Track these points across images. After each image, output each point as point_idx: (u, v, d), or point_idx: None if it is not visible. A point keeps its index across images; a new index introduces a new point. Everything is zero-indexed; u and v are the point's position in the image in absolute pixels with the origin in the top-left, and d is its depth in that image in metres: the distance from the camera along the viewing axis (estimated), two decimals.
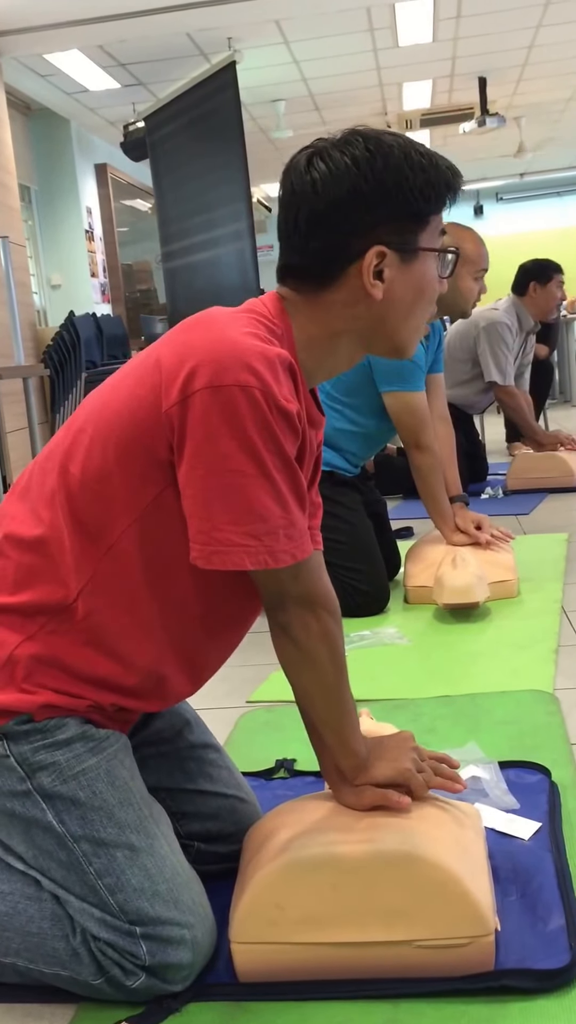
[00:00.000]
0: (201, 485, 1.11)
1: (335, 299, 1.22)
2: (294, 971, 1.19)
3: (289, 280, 1.24)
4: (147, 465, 1.15)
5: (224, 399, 1.08)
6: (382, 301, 1.21)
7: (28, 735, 1.18)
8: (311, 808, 1.29)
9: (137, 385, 1.17)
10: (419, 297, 1.24)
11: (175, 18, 6.26)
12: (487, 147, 10.77)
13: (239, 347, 1.10)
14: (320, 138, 1.22)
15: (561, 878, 1.36)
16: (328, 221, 1.18)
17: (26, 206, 8.24)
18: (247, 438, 1.09)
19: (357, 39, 7.11)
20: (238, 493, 1.10)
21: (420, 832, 1.20)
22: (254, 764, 1.81)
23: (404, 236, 1.20)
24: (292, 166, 1.21)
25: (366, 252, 1.18)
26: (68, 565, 1.18)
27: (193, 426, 1.10)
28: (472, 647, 2.48)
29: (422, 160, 1.20)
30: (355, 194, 1.16)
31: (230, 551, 1.11)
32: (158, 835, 1.21)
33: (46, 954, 1.19)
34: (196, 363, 1.10)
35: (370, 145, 1.18)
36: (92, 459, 1.18)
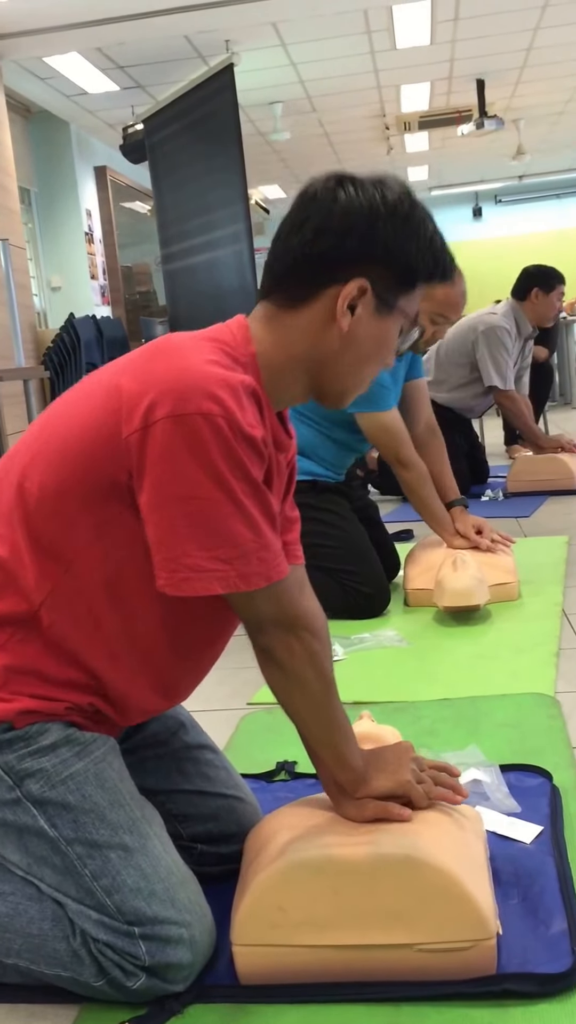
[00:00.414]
0: (167, 513, 1.10)
1: (303, 320, 1.21)
2: (295, 974, 1.19)
3: (271, 292, 1.24)
4: (105, 487, 1.14)
5: (187, 428, 1.08)
6: (344, 336, 1.21)
7: (11, 744, 1.18)
8: (312, 810, 1.29)
9: (97, 408, 1.16)
10: (375, 351, 1.25)
11: (173, 21, 6.26)
12: (486, 149, 10.77)
13: (201, 375, 1.10)
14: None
15: (563, 882, 1.35)
16: (333, 237, 1.18)
17: (26, 208, 8.24)
18: (212, 466, 1.09)
19: (355, 41, 7.11)
20: (206, 519, 1.10)
21: (421, 835, 1.20)
22: (255, 766, 1.81)
23: (388, 288, 1.21)
24: (322, 177, 1.22)
25: (350, 280, 1.19)
26: (28, 580, 1.18)
27: (155, 455, 1.09)
28: (473, 650, 2.48)
29: (436, 233, 1.24)
30: (369, 227, 1.18)
31: (200, 576, 1.11)
32: (151, 835, 1.21)
33: (47, 955, 1.19)
34: (158, 393, 1.10)
35: (403, 194, 1.20)
36: (50, 477, 1.17)
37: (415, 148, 10.61)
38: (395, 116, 9.27)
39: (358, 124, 9.47)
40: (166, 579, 1.12)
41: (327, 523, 2.82)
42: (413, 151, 10.73)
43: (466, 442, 4.92)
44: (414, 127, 9.57)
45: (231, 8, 6.14)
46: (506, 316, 4.69)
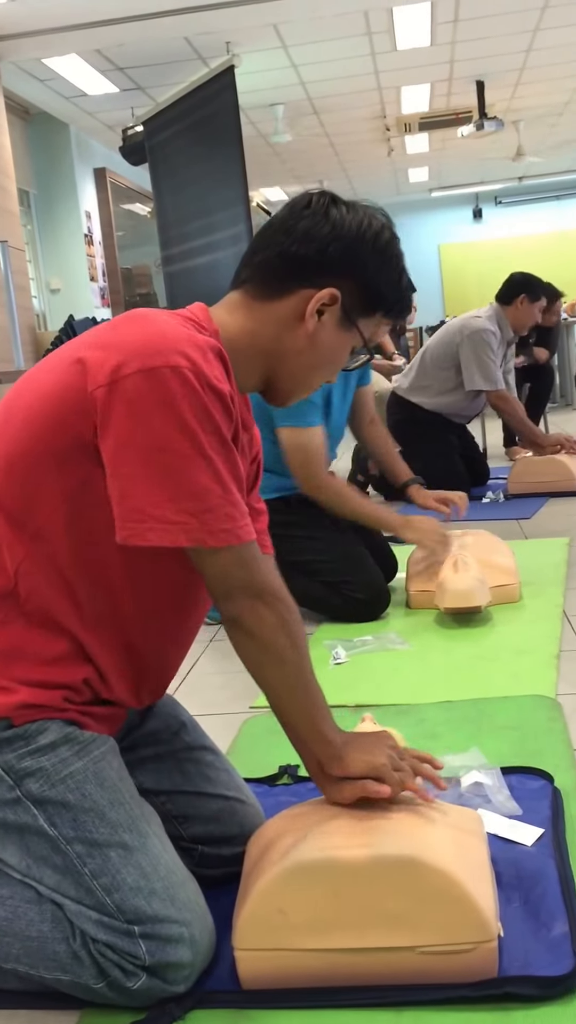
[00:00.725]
0: (134, 466, 1.11)
1: (273, 312, 1.28)
2: (297, 978, 1.18)
3: (248, 279, 1.30)
4: (72, 448, 1.15)
5: (156, 381, 1.10)
6: (308, 336, 1.29)
7: (10, 743, 1.19)
8: (314, 813, 1.29)
9: (60, 378, 1.17)
10: (329, 359, 1.33)
11: (174, 22, 6.26)
12: (485, 150, 10.77)
13: (169, 335, 1.14)
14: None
15: (564, 884, 1.35)
16: (319, 243, 1.26)
17: (25, 210, 8.24)
18: (182, 418, 1.10)
19: (355, 43, 7.11)
20: (174, 471, 1.11)
21: (422, 837, 1.20)
22: (257, 770, 1.81)
23: (354, 306, 1.30)
24: (317, 193, 1.31)
25: (324, 286, 1.27)
26: (2, 552, 1.19)
27: (123, 408, 1.10)
28: (474, 652, 2.48)
29: (404, 273, 1.36)
30: (352, 245, 1.27)
31: (165, 528, 1.11)
32: (150, 834, 1.21)
33: (47, 958, 1.18)
34: (126, 353, 1.12)
35: (387, 227, 1.32)
36: (15, 446, 1.18)
37: (415, 149, 10.61)
38: (395, 117, 9.27)
39: (359, 126, 9.48)
40: (130, 530, 1.12)
41: (312, 537, 2.80)
42: (413, 152, 10.73)
43: (460, 442, 4.93)
44: (414, 128, 9.57)
45: (232, 10, 6.14)
46: (490, 319, 4.71)
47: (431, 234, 14.03)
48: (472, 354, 4.60)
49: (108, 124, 8.53)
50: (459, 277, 13.87)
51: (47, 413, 1.16)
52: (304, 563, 2.74)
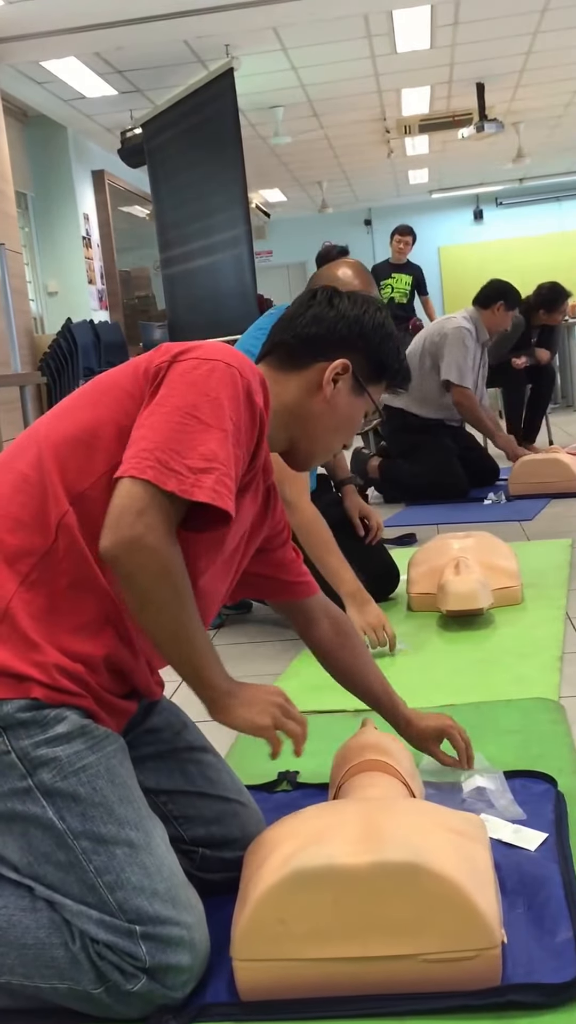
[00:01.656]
0: (159, 418, 1.21)
1: (293, 383, 1.48)
2: (298, 988, 1.17)
3: (270, 355, 1.51)
4: (133, 416, 1.25)
5: (208, 367, 1.25)
6: (326, 402, 1.47)
7: (27, 727, 1.18)
8: (313, 820, 1.28)
9: (129, 367, 1.33)
10: (345, 423, 1.52)
11: (173, 25, 6.26)
12: (486, 152, 10.78)
13: (235, 352, 1.31)
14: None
15: (568, 889, 1.34)
16: (327, 325, 1.48)
17: (23, 213, 8.24)
18: (218, 399, 1.23)
19: (355, 46, 7.11)
20: (192, 434, 1.20)
21: (424, 843, 1.18)
22: (257, 776, 1.79)
23: (363, 374, 1.50)
24: (324, 289, 1.53)
25: (336, 359, 1.47)
26: (48, 505, 1.24)
27: (173, 377, 1.25)
28: (476, 655, 2.46)
29: (400, 350, 1.55)
30: (356, 323, 1.49)
31: (162, 471, 1.15)
32: (155, 834, 1.22)
33: (44, 965, 1.17)
34: (192, 347, 1.30)
35: (384, 310, 1.54)
36: (90, 416, 1.29)
37: (416, 151, 10.62)
38: (396, 120, 9.28)
39: (359, 128, 9.49)
40: (132, 465, 1.17)
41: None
42: (414, 154, 10.75)
43: (456, 444, 4.96)
44: (415, 130, 9.58)
45: (231, 13, 6.14)
46: (466, 319, 4.86)
47: (431, 236, 14.03)
48: (450, 349, 4.76)
49: (106, 127, 8.54)
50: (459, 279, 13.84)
51: (118, 387, 1.30)
52: None
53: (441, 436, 4.87)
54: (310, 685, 2.27)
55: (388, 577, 2.99)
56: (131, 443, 1.21)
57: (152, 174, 7.92)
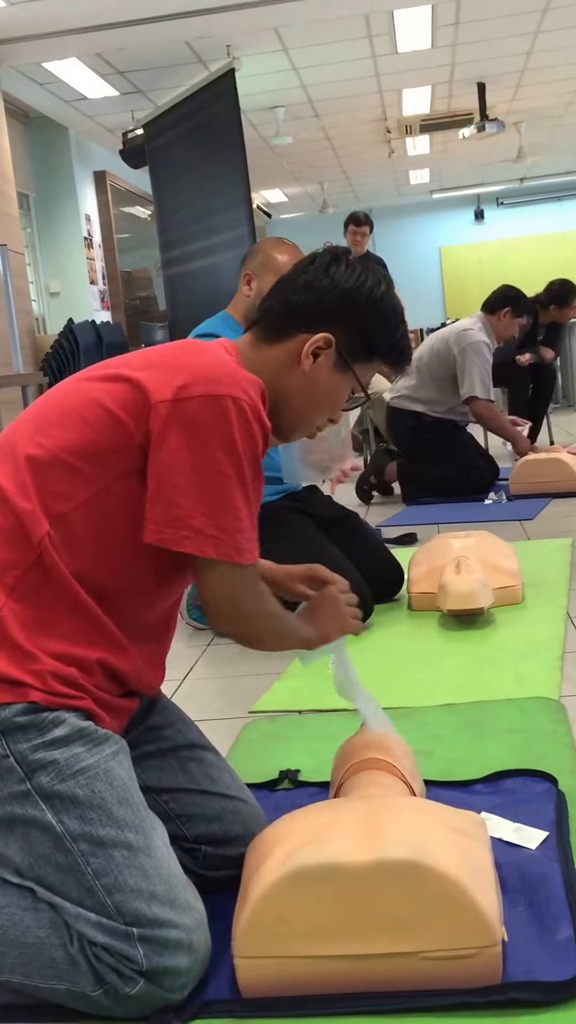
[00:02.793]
0: (183, 478, 1.22)
1: (276, 354, 1.40)
2: (299, 985, 1.17)
3: (260, 321, 1.44)
4: (120, 447, 1.25)
5: (218, 408, 1.22)
6: (305, 376, 1.40)
7: (25, 731, 1.19)
8: (314, 819, 1.28)
9: (109, 386, 1.28)
10: (326, 400, 1.44)
11: (174, 26, 6.26)
12: (487, 152, 10.77)
13: (228, 368, 1.28)
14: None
15: (569, 888, 1.34)
16: (316, 294, 1.40)
17: (25, 214, 8.24)
18: (233, 444, 1.23)
19: (356, 46, 7.11)
20: (218, 491, 1.23)
21: (425, 841, 1.18)
22: (257, 775, 1.79)
23: (349, 351, 1.41)
24: (327, 252, 1.45)
25: (320, 331, 1.39)
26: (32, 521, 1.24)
27: (184, 426, 1.22)
28: (476, 654, 2.46)
29: (400, 327, 1.46)
30: (347, 296, 1.40)
31: (198, 538, 1.23)
32: (155, 836, 1.22)
33: (43, 966, 1.17)
34: (192, 375, 1.24)
35: (384, 283, 1.43)
36: (68, 438, 1.26)
37: (417, 151, 10.62)
38: (397, 120, 9.27)
39: (360, 128, 9.48)
40: (168, 535, 1.23)
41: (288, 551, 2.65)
42: (415, 154, 10.74)
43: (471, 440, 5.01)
44: (416, 130, 9.58)
45: (232, 13, 6.13)
46: (481, 331, 4.83)
47: (432, 236, 14.04)
48: (472, 364, 4.70)
49: (108, 127, 8.54)
50: (460, 279, 13.87)
51: (101, 409, 1.26)
52: None
53: (456, 435, 4.90)
54: (310, 684, 2.27)
55: (392, 577, 2.99)
56: (167, 503, 1.22)
57: (153, 175, 7.92)
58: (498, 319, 4.85)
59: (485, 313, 4.89)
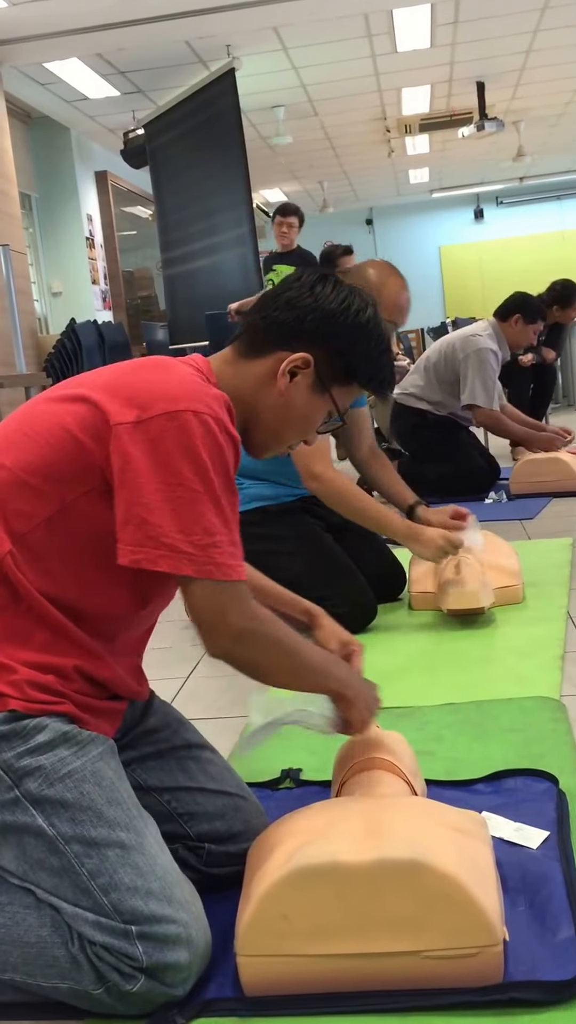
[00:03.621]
0: (152, 497, 1.19)
1: (253, 370, 1.39)
2: (301, 984, 1.17)
3: (242, 335, 1.42)
4: (81, 469, 1.23)
5: (180, 423, 1.20)
6: (279, 395, 1.38)
7: (8, 740, 1.19)
8: (316, 818, 1.28)
9: (72, 407, 1.26)
10: (299, 421, 1.42)
11: (174, 26, 6.27)
12: (486, 151, 10.78)
13: (190, 383, 1.26)
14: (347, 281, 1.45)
15: (570, 887, 1.34)
16: (297, 313, 1.38)
17: (27, 214, 8.25)
18: (199, 459, 1.20)
19: (355, 45, 7.12)
20: (188, 507, 1.20)
21: (427, 841, 1.19)
22: (259, 774, 1.80)
23: (328, 374, 1.40)
24: (311, 271, 1.44)
25: (299, 351, 1.37)
26: None
27: (146, 445, 1.20)
28: (477, 654, 2.47)
29: (384, 353, 1.45)
30: (330, 318, 1.39)
31: (174, 556, 1.20)
32: (147, 833, 1.22)
33: (45, 964, 1.18)
34: (150, 395, 1.23)
35: (369, 308, 1.42)
36: (31, 458, 1.25)
37: (416, 151, 10.62)
38: (396, 119, 9.28)
39: (359, 127, 9.49)
40: (143, 554, 1.19)
41: (291, 552, 2.66)
42: (414, 153, 10.74)
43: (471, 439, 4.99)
44: (415, 130, 9.58)
45: (232, 13, 6.15)
46: (491, 338, 4.79)
47: (431, 235, 14.05)
48: (475, 372, 4.67)
49: (109, 127, 8.55)
50: (460, 278, 13.87)
51: (64, 431, 1.24)
52: (282, 578, 2.53)
53: (458, 433, 4.90)
54: None
55: (394, 578, 2.99)
56: (137, 522, 1.19)
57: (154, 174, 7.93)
58: (510, 326, 4.83)
59: (498, 320, 4.87)
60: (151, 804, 1.36)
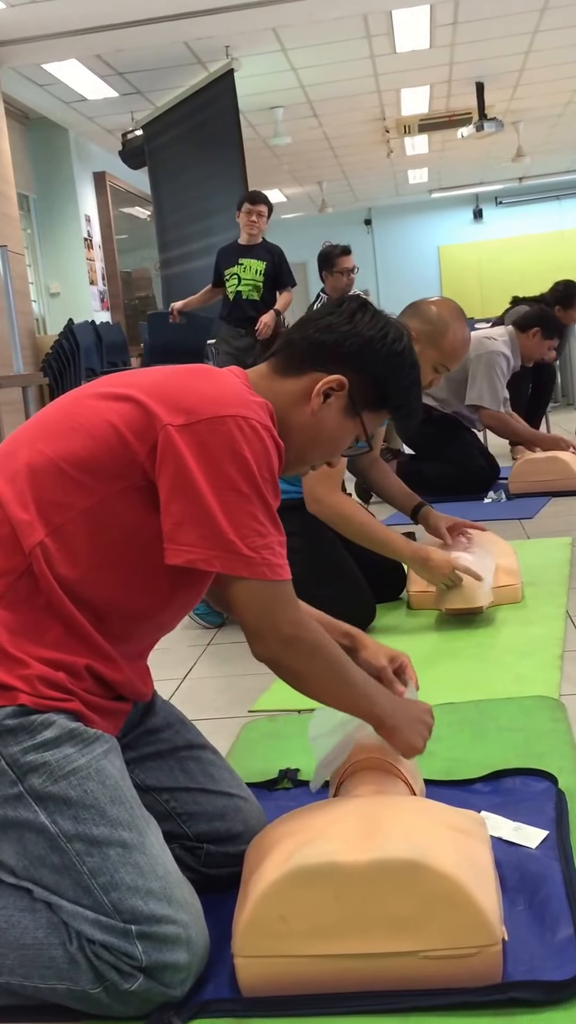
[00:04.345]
0: (202, 499, 1.21)
1: (288, 387, 1.42)
2: (299, 985, 1.17)
3: (279, 352, 1.46)
4: (122, 466, 1.25)
5: (227, 428, 1.23)
6: (312, 415, 1.41)
7: (15, 734, 1.19)
8: (314, 818, 1.28)
9: (117, 405, 1.28)
10: (327, 442, 1.46)
11: (173, 27, 6.27)
12: (485, 151, 10.78)
13: (235, 390, 1.29)
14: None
15: (569, 887, 1.34)
16: (337, 336, 1.42)
17: (25, 215, 8.25)
18: (246, 463, 1.23)
19: (354, 46, 7.12)
20: (240, 508, 1.23)
21: (425, 841, 1.18)
22: (257, 775, 1.80)
23: (360, 398, 1.43)
24: (355, 298, 1.48)
25: (335, 373, 1.40)
26: (25, 530, 1.25)
27: (194, 448, 1.22)
28: (476, 653, 2.46)
29: (415, 384, 1.49)
30: (367, 345, 1.42)
31: (230, 557, 1.22)
32: (149, 833, 1.22)
33: (42, 966, 1.17)
34: (198, 399, 1.25)
35: (405, 338, 1.46)
36: (70, 449, 1.26)
37: (415, 151, 10.63)
38: (395, 119, 9.29)
39: (358, 128, 9.49)
40: (199, 555, 1.22)
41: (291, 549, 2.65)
42: (413, 154, 10.75)
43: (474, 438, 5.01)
44: (414, 130, 9.59)
45: (231, 14, 6.15)
46: (506, 344, 4.82)
47: (431, 235, 14.05)
48: (484, 373, 4.69)
49: (107, 128, 8.55)
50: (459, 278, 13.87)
51: (107, 425, 1.26)
52: None
53: (461, 432, 4.91)
54: None
55: (394, 578, 2.98)
56: (192, 523, 1.22)
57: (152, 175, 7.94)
58: (528, 337, 4.86)
59: (516, 330, 4.90)
60: (150, 804, 1.36)
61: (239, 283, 5.95)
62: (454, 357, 2.73)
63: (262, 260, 5.94)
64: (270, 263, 5.94)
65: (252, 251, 5.97)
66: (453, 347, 2.70)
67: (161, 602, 1.34)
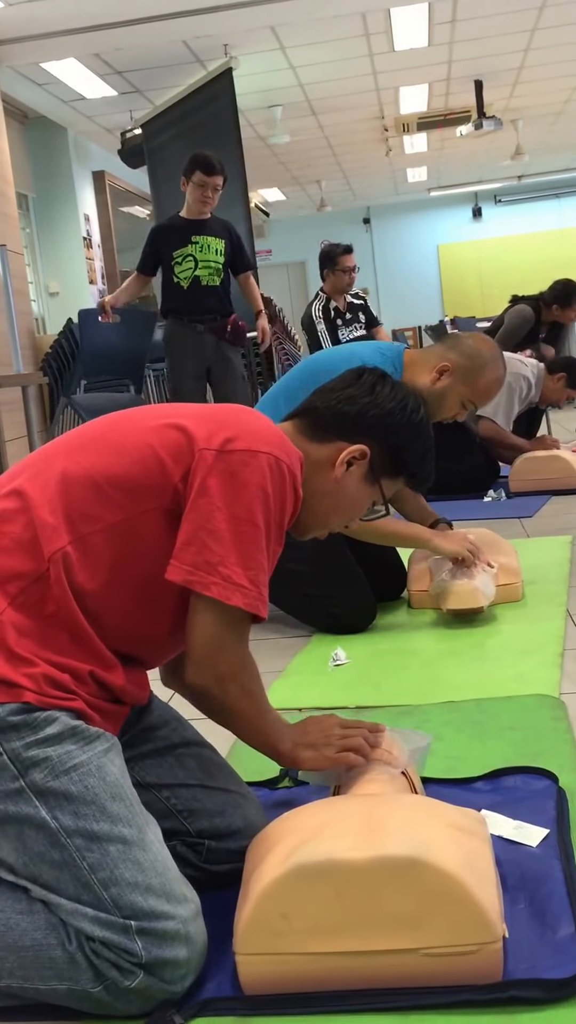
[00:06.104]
0: (220, 525, 1.27)
1: (314, 452, 1.48)
2: (300, 982, 1.17)
3: (301, 416, 1.53)
4: (156, 485, 1.30)
5: (258, 463, 1.30)
6: (334, 481, 1.48)
7: (18, 730, 1.20)
8: (315, 816, 1.28)
9: (159, 427, 1.34)
10: (348, 508, 1.53)
11: (171, 26, 6.27)
12: (485, 150, 10.78)
13: (276, 434, 1.37)
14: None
15: (570, 885, 1.34)
16: (359, 408, 1.50)
17: (24, 214, 8.25)
18: (267, 499, 1.30)
19: (353, 44, 7.11)
20: (251, 542, 1.28)
21: (425, 838, 1.18)
22: (258, 773, 1.80)
23: (380, 466, 1.50)
24: (373, 371, 1.56)
25: (357, 443, 1.47)
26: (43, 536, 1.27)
27: (226, 475, 1.28)
28: (476, 652, 2.47)
29: (430, 452, 1.56)
30: (387, 415, 1.50)
31: (227, 586, 1.27)
32: (148, 830, 1.23)
33: (42, 967, 1.18)
34: (239, 431, 1.32)
35: (421, 410, 1.54)
36: (108, 464, 1.31)
37: (414, 149, 10.62)
38: (394, 118, 9.28)
39: (357, 126, 9.48)
40: (198, 576, 1.27)
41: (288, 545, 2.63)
42: (412, 152, 10.74)
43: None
44: (413, 128, 9.58)
45: (229, 12, 6.14)
46: (533, 375, 4.89)
47: (430, 234, 14.04)
48: (505, 391, 4.70)
49: (106, 127, 8.54)
50: (458, 277, 13.86)
51: (148, 447, 1.31)
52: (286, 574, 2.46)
53: (463, 430, 4.92)
54: (310, 683, 2.28)
55: (396, 578, 2.98)
56: (200, 546, 1.27)
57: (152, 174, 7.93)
58: (552, 380, 4.94)
59: (547, 372, 4.98)
60: (150, 801, 1.36)
61: (196, 266, 4.90)
62: (485, 397, 2.71)
63: (220, 238, 4.94)
64: (227, 242, 4.96)
65: (206, 226, 4.92)
66: (487, 387, 2.68)
67: (172, 626, 1.36)
